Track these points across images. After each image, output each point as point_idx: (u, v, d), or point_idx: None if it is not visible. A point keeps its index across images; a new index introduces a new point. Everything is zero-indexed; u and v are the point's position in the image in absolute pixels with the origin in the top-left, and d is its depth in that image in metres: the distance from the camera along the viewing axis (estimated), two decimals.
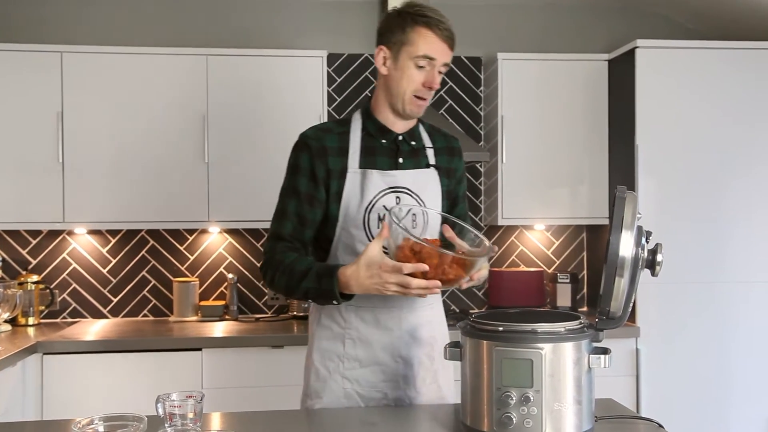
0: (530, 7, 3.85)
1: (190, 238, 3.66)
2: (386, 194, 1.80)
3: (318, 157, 1.80)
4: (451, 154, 1.96)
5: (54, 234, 3.57)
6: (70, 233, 3.58)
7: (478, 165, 3.79)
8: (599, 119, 3.55)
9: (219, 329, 3.25)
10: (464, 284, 1.61)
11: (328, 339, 1.85)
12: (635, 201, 1.42)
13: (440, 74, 1.80)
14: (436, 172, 1.90)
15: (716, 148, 3.29)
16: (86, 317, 3.60)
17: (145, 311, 3.64)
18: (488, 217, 3.71)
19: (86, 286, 3.60)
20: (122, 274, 3.62)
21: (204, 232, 3.66)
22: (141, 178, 3.31)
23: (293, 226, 1.81)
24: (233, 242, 3.68)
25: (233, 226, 3.49)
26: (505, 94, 3.50)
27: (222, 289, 3.67)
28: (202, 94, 3.34)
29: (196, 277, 3.63)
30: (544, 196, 3.53)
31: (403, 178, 1.83)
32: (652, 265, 1.45)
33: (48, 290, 3.48)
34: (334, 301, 1.69)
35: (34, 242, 3.56)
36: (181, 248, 3.65)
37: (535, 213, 3.54)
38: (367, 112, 1.87)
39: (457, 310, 3.71)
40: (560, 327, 1.42)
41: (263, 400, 2.95)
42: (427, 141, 1.92)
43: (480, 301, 3.81)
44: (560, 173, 3.53)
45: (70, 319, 3.57)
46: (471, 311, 3.70)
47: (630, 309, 1.44)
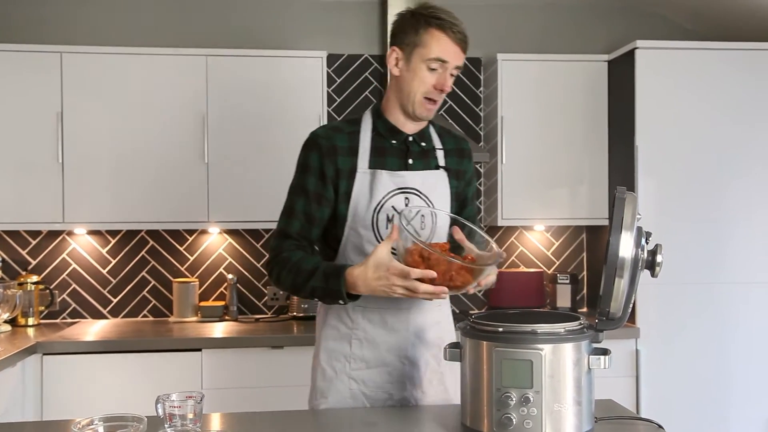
0: (530, 8, 3.85)
1: (190, 239, 3.66)
2: (395, 195, 1.80)
3: (327, 156, 1.80)
4: (461, 155, 1.95)
5: (54, 234, 3.57)
6: (70, 234, 3.58)
7: (477, 166, 3.79)
8: (599, 120, 3.55)
9: (219, 330, 3.25)
10: (471, 290, 1.61)
11: (335, 339, 1.84)
12: (635, 201, 1.42)
13: (452, 77, 1.79)
14: (446, 174, 1.89)
15: (716, 148, 3.29)
16: (86, 318, 3.60)
17: (144, 312, 3.64)
18: (488, 217, 3.71)
19: (86, 287, 3.60)
20: (122, 274, 3.62)
21: (204, 232, 3.66)
22: (141, 178, 3.31)
23: (301, 225, 1.81)
24: (233, 243, 3.68)
25: (233, 226, 3.49)
26: (504, 94, 3.50)
27: (222, 289, 3.67)
28: (202, 94, 3.34)
29: (196, 278, 3.63)
30: (544, 197, 3.53)
31: (413, 179, 1.82)
32: (651, 265, 1.45)
33: (48, 291, 3.48)
34: (341, 301, 1.69)
35: (33, 242, 3.56)
36: (181, 249, 3.65)
37: (534, 214, 3.54)
38: (378, 113, 1.86)
39: (457, 311, 3.70)
40: (560, 328, 1.42)
41: (263, 400, 2.95)
42: (437, 142, 1.92)
43: (480, 302, 3.81)
44: (560, 174, 3.53)
45: (69, 320, 3.57)
46: (471, 312, 3.70)
47: (630, 310, 1.44)
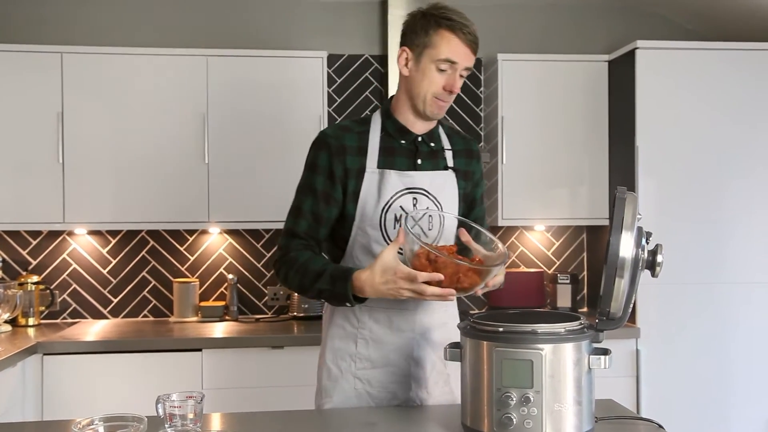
0: (530, 8, 3.85)
1: (190, 239, 3.66)
2: (403, 195, 1.80)
3: (336, 156, 1.80)
4: (470, 156, 1.94)
5: (54, 234, 3.57)
6: (70, 234, 3.58)
7: None
8: (599, 120, 3.55)
9: (219, 330, 3.25)
10: (479, 291, 1.61)
11: (341, 338, 1.85)
12: (635, 202, 1.42)
13: (461, 78, 1.78)
14: (454, 175, 1.89)
15: (716, 148, 3.29)
16: (86, 318, 3.60)
17: (145, 312, 3.64)
18: (488, 217, 3.70)
19: (86, 287, 3.60)
20: (122, 274, 3.62)
21: (204, 232, 3.66)
22: (141, 178, 3.31)
23: (308, 224, 1.81)
24: (233, 243, 3.68)
25: (233, 226, 3.49)
26: (505, 94, 3.50)
27: (222, 289, 3.67)
28: (202, 94, 3.34)
29: (196, 278, 3.63)
30: (544, 197, 3.53)
31: (421, 179, 1.82)
32: (652, 265, 1.45)
33: (48, 291, 3.47)
34: (348, 304, 1.69)
35: (34, 243, 3.56)
36: (181, 249, 3.65)
37: (535, 214, 3.54)
38: (387, 113, 1.86)
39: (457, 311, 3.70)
40: (560, 328, 1.42)
41: (263, 400, 2.95)
42: (446, 143, 1.91)
43: (480, 302, 3.81)
44: (560, 174, 3.53)
45: (70, 320, 3.57)
46: (471, 312, 3.70)
47: (630, 310, 1.44)
